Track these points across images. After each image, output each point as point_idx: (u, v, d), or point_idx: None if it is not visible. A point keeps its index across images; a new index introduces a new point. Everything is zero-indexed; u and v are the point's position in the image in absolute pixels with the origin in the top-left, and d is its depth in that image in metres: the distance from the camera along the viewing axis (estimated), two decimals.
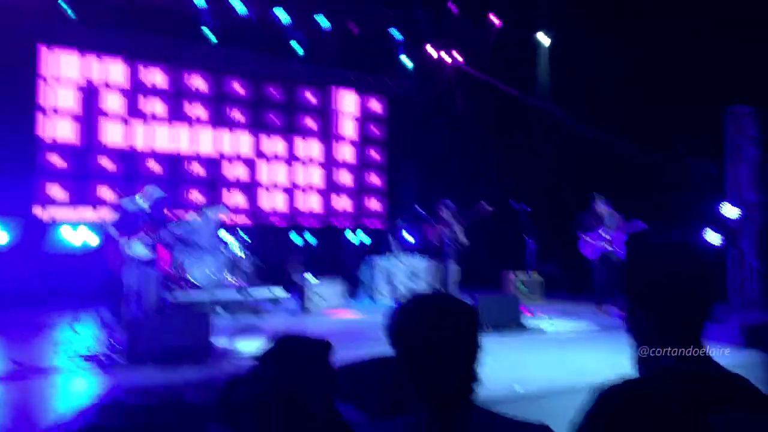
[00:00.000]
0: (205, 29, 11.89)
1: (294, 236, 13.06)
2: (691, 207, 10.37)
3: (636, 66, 10.76)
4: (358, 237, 13.90)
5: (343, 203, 14.33)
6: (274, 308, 9.62)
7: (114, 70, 11.86)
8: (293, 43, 12.77)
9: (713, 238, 10.16)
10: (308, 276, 10.33)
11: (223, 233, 10.39)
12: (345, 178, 14.35)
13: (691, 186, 10.40)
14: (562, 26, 12.06)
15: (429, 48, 14.03)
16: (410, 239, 12.46)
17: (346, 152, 14.37)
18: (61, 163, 11.33)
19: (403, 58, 13.90)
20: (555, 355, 6.11)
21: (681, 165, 10.45)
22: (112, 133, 11.84)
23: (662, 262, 1.42)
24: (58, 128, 11.37)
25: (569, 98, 12.35)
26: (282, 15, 12.15)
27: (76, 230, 10.77)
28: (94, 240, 10.63)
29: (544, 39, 13.18)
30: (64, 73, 11.40)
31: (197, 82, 12.68)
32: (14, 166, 10.69)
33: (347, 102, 14.44)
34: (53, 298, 9.79)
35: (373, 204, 14.75)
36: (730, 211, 10.11)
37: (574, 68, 11.91)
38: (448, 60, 14.12)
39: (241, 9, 11.80)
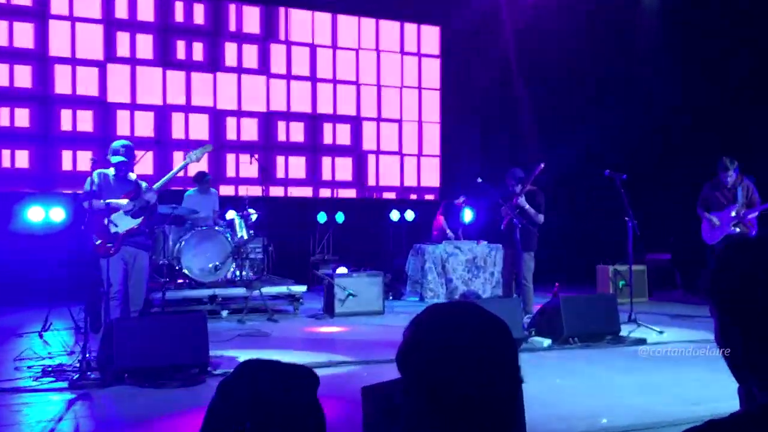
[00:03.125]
0: None
1: (320, 214, 13.23)
2: None
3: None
4: (404, 215, 13.97)
5: (384, 171, 14.41)
6: (293, 310, 9.80)
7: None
8: None
9: None
10: (339, 268, 10.44)
11: (229, 213, 10.59)
12: (388, 137, 14.41)
13: None
14: None
15: None
16: (470, 219, 12.44)
17: (389, 102, 14.39)
18: (21, 122, 11.72)
19: None
20: (659, 375, 6.07)
21: None
22: (84, 83, 12.16)
23: (761, 261, 1.41)
24: (16, 78, 11.75)
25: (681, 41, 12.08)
26: None
27: (43, 207, 11.12)
28: (64, 218, 10.97)
29: None
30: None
31: (194, 11, 12.88)
32: None
33: (388, 37, 14.43)
34: (17, 292, 10.18)
35: (424, 172, 14.78)
36: None
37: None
38: None
39: None
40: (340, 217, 13.37)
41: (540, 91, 14.09)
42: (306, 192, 13.78)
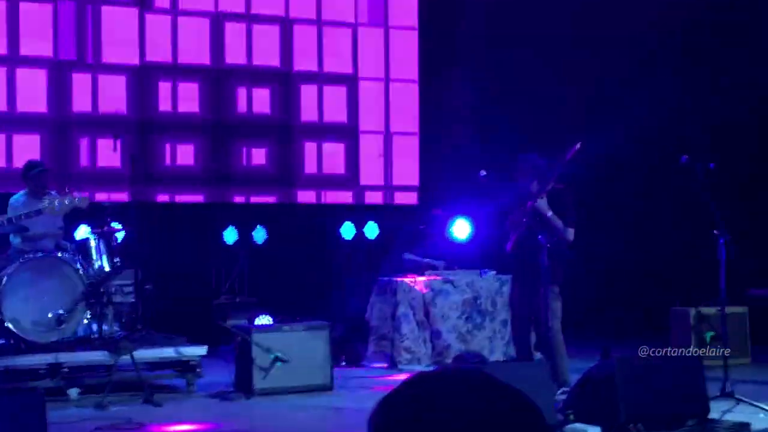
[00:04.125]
0: None
1: (228, 231, 13.17)
2: None
3: None
4: (362, 231, 13.97)
5: (330, 159, 14.40)
6: (186, 387, 9.75)
7: None
8: None
9: None
10: (260, 319, 10.41)
11: (80, 230, 10.49)
12: (336, 105, 14.40)
13: None
14: None
15: None
16: (467, 236, 12.50)
17: (338, 51, 14.40)
18: None
19: None
20: None
21: None
22: None
23: None
24: None
25: None
26: None
27: None
28: None
29: None
30: None
31: None
32: None
33: None
34: None
35: (395, 161, 14.79)
36: None
37: None
38: None
39: None
40: (259, 234, 13.33)
41: (578, 34, 14.18)
42: (203, 195, 13.73)
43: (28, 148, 12.24)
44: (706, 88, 12.96)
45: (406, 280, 11.37)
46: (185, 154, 13.59)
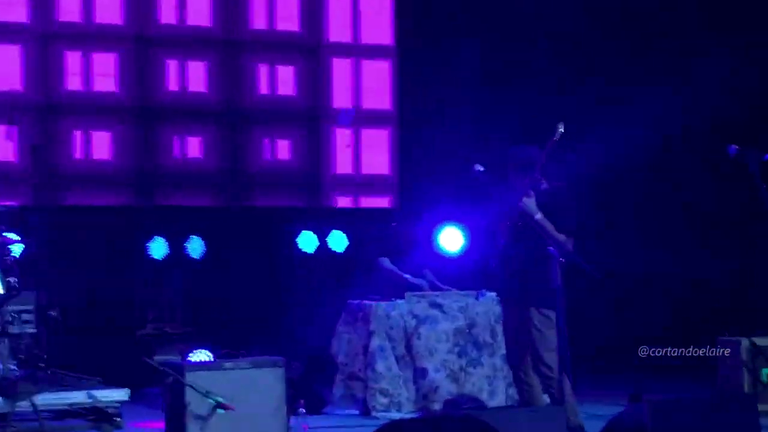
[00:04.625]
0: None
1: (155, 242, 13.18)
2: None
3: None
4: (325, 241, 14.01)
5: (283, 149, 14.42)
6: None
7: None
8: None
9: None
10: (196, 354, 10.45)
11: None
12: (285, 78, 14.43)
13: None
14: None
15: None
16: (456, 246, 12.55)
17: (289, 12, 14.43)
18: None
19: None
20: None
21: None
22: None
23: None
24: None
25: None
26: None
27: None
28: None
29: None
30: None
31: None
32: None
33: None
34: None
35: (364, 152, 14.82)
36: None
37: None
38: None
39: None
40: (195, 246, 13.34)
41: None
42: (124, 197, 13.72)
43: None
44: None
45: (383, 303, 11.36)
46: (101, 145, 13.56)
